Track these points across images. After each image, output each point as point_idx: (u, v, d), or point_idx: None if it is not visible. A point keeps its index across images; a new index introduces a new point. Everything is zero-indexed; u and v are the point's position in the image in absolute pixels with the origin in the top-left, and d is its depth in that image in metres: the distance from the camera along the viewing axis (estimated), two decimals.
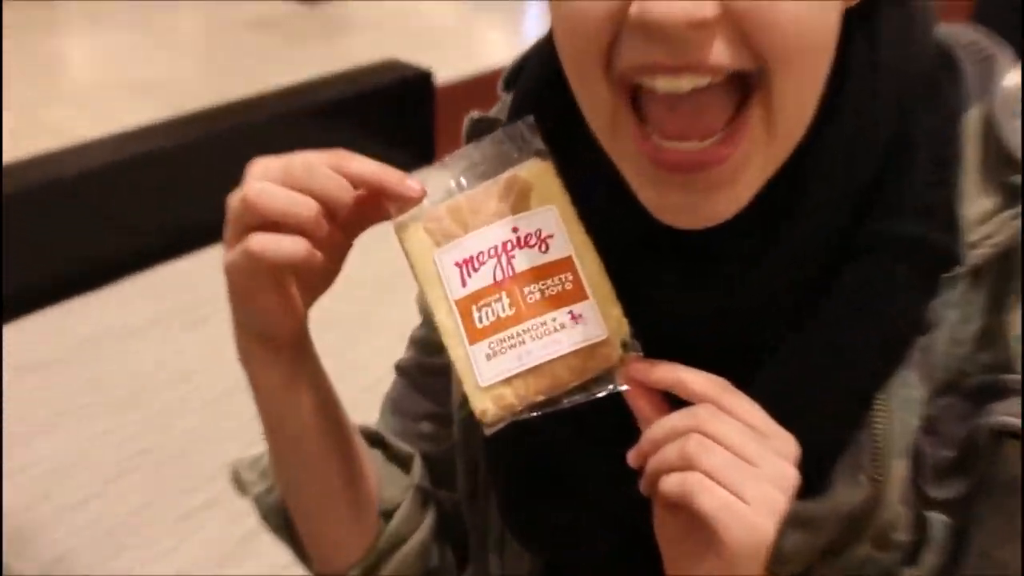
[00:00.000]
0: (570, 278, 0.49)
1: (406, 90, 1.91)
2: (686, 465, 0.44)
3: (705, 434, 0.45)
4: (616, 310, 0.49)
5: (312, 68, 2.21)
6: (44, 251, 1.54)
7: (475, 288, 0.49)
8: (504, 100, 0.63)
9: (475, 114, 0.63)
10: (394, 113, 1.89)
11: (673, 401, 0.48)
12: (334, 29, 3.72)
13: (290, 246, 0.49)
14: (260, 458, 0.67)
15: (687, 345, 0.50)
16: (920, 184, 0.50)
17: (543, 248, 0.50)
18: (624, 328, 0.49)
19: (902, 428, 0.51)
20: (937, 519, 0.52)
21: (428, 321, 0.64)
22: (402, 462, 0.68)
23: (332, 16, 3.77)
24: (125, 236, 1.58)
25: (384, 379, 0.74)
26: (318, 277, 0.54)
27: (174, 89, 3.11)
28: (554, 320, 0.49)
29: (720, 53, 0.42)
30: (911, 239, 0.50)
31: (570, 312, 0.49)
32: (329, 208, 0.49)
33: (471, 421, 0.55)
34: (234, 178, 0.55)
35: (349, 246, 0.54)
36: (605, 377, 0.49)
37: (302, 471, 0.61)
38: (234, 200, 0.50)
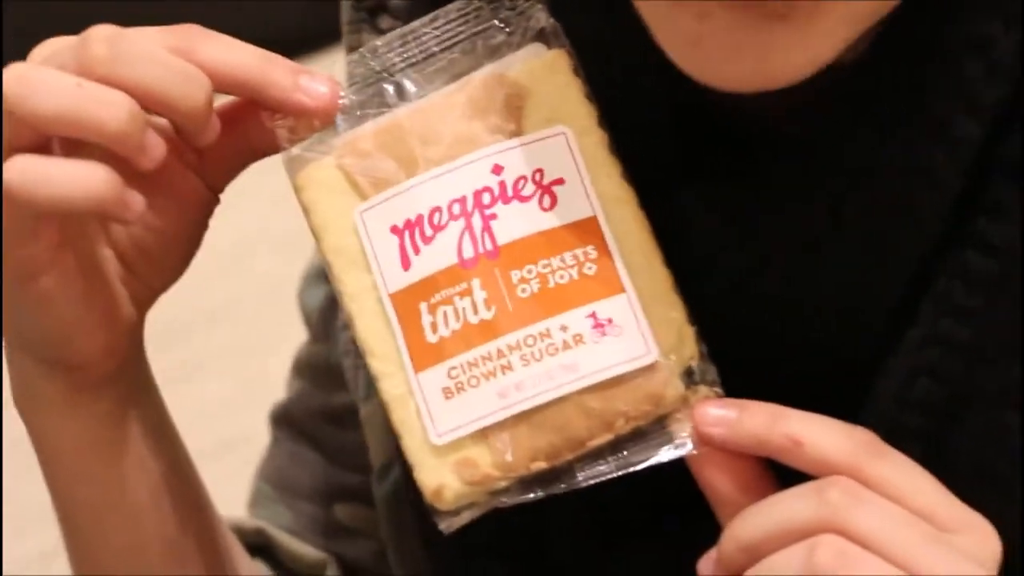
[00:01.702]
0: (593, 255, 0.30)
1: None
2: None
3: (846, 534, 0.27)
4: (676, 312, 0.30)
5: None
6: None
7: (427, 272, 0.30)
8: None
9: None
10: None
11: (779, 472, 0.29)
12: None
13: (79, 173, 0.28)
14: None
15: (758, 365, 0.32)
16: None
17: (547, 202, 0.30)
18: (690, 345, 0.30)
19: None
20: None
21: (320, 328, 0.44)
22: (298, 568, 0.45)
23: None
24: None
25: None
26: (156, 253, 0.33)
27: None
28: (564, 329, 0.30)
29: None
30: None
31: (593, 314, 0.30)
32: (169, 113, 0.29)
33: (402, 498, 0.36)
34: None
35: (212, 200, 0.33)
36: (656, 430, 0.30)
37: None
38: None
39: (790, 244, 0.32)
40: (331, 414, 0.45)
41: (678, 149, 0.33)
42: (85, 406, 0.34)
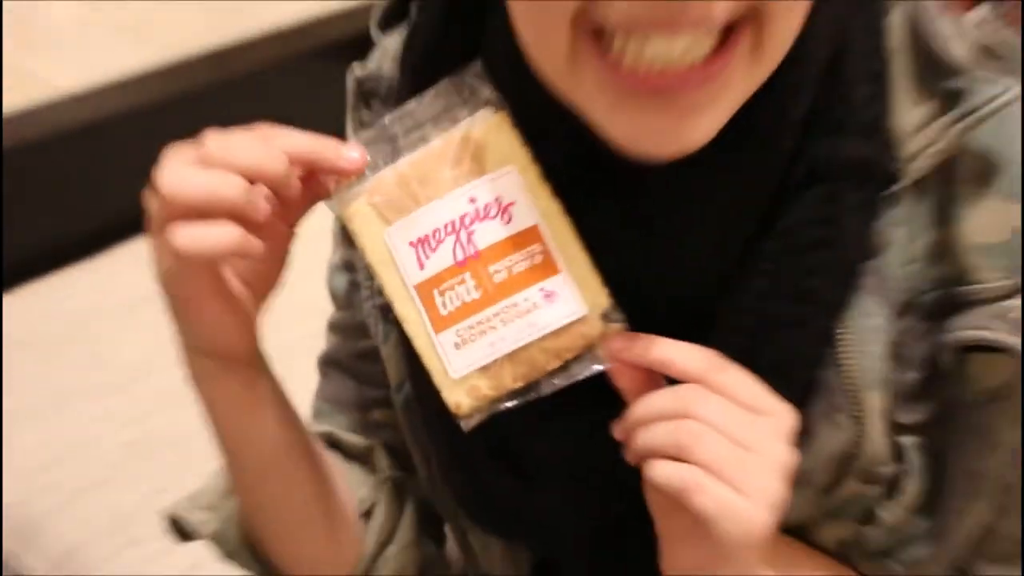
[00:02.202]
0: (539, 250, 0.47)
1: None
2: (680, 453, 0.44)
3: (696, 418, 0.45)
4: (594, 280, 0.48)
5: (310, 7, 2.16)
6: (36, 216, 1.54)
7: (435, 270, 0.48)
8: (382, 45, 0.60)
9: (357, 70, 0.61)
10: None
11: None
12: None
13: (221, 233, 0.45)
14: (198, 494, 0.65)
15: (643, 308, 0.49)
16: (857, 99, 0.50)
17: (506, 218, 0.48)
18: (603, 300, 0.47)
19: (869, 359, 0.51)
20: (911, 446, 0.53)
21: (345, 302, 0.65)
22: (363, 458, 0.67)
23: None
24: (124, 198, 1.56)
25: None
26: (263, 274, 0.52)
27: (161, 31, 3.14)
28: (526, 300, 0.47)
29: (722, 7, 0.41)
30: (855, 161, 0.50)
31: (542, 289, 0.47)
32: (265, 182, 0.46)
33: (412, 405, 0.57)
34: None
35: (292, 235, 0.51)
36: (587, 356, 0.48)
37: (269, 494, 0.60)
38: (150, 200, 0.47)
39: (656, 239, 0.50)
40: (360, 354, 0.65)
41: (580, 179, 0.50)
42: (229, 377, 0.54)
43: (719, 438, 0.45)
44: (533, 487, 0.57)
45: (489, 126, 0.48)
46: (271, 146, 0.46)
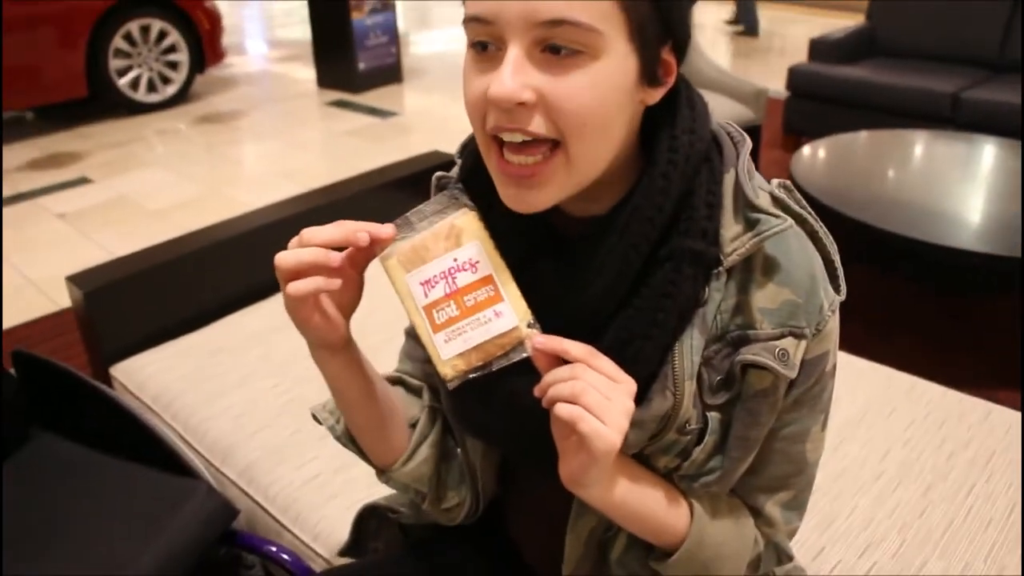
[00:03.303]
0: (492, 289, 0.58)
1: (443, 170, 1.90)
2: (572, 400, 0.56)
3: (581, 380, 0.56)
4: (522, 305, 0.59)
5: (385, 158, 2.77)
6: (233, 276, 1.90)
7: (434, 298, 0.59)
8: (459, 164, 0.75)
9: (439, 173, 0.77)
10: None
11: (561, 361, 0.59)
12: (398, 132, 4.77)
13: (309, 282, 0.59)
14: (328, 402, 0.80)
15: (565, 319, 0.61)
16: (700, 217, 0.62)
17: (474, 270, 0.59)
18: (528, 316, 0.59)
19: (690, 363, 0.63)
20: (713, 416, 0.66)
21: None
22: (416, 392, 0.82)
23: (398, 124, 4.88)
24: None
25: (382, 349, 0.89)
26: (346, 299, 0.65)
27: (306, 174, 4.14)
28: (484, 316, 0.58)
29: (537, 124, 0.56)
30: (695, 251, 0.62)
31: (494, 311, 0.58)
32: (337, 247, 0.59)
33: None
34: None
35: (362, 277, 0.64)
36: (519, 348, 0.60)
37: (357, 415, 0.74)
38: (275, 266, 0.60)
39: (577, 277, 0.61)
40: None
41: (536, 236, 0.64)
42: (333, 359, 0.68)
43: (594, 391, 0.56)
44: (491, 413, 0.69)
45: (466, 219, 0.60)
46: (341, 227, 0.59)
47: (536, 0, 0.53)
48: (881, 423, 1.47)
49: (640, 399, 0.62)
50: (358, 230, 0.59)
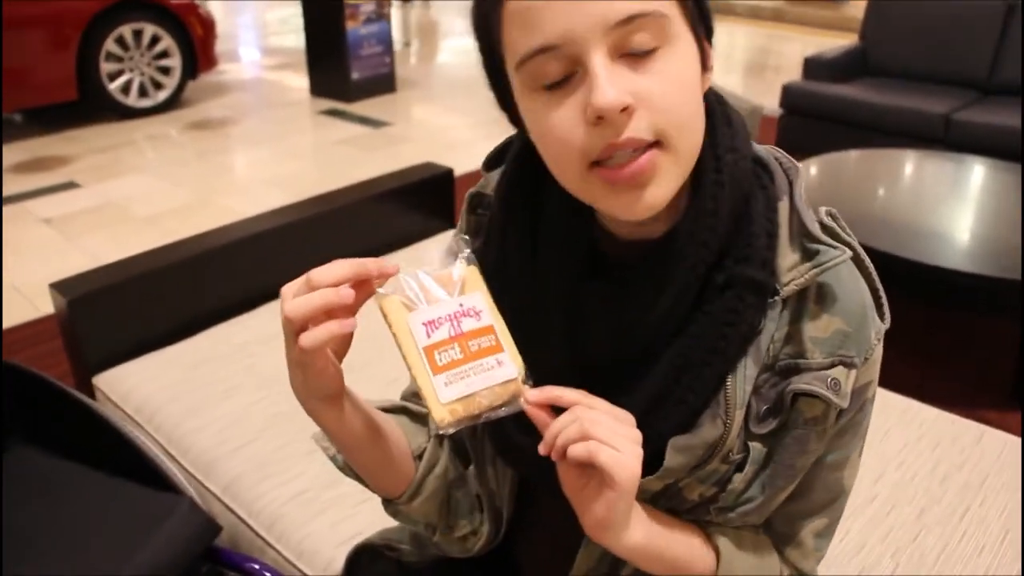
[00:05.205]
0: (493, 339, 0.60)
1: (436, 182, 2.29)
2: (583, 437, 0.56)
3: (586, 417, 0.57)
4: (519, 359, 0.60)
5: (377, 167, 2.77)
6: (220, 286, 1.89)
7: (436, 340, 0.59)
8: (486, 176, 0.75)
9: (473, 189, 0.76)
10: (429, 197, 2.29)
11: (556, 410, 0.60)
12: (391, 143, 4.78)
13: (323, 330, 0.57)
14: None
15: (617, 344, 0.62)
16: (760, 246, 0.63)
17: (477, 318, 0.60)
18: (523, 368, 0.60)
19: (743, 392, 0.64)
20: (755, 446, 0.66)
21: None
22: (422, 420, 0.82)
23: (390, 134, 4.89)
24: (270, 277, 1.71)
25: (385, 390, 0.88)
26: (342, 342, 0.62)
27: (297, 183, 4.13)
28: (488, 363, 0.59)
29: (639, 128, 0.55)
30: (754, 279, 0.62)
31: (496, 359, 0.59)
32: (351, 283, 0.57)
33: None
34: (334, 239, 0.73)
35: (354, 319, 0.62)
36: (515, 401, 0.60)
37: (359, 456, 0.74)
38: (282, 318, 0.57)
39: (631, 302, 0.61)
40: None
41: (583, 264, 0.64)
42: (331, 409, 0.65)
43: (602, 424, 0.56)
44: (511, 455, 0.73)
45: (468, 271, 0.61)
46: (350, 264, 0.57)
47: (604, 1, 0.53)
48: (875, 445, 1.47)
49: (690, 425, 0.63)
50: (366, 263, 0.59)
